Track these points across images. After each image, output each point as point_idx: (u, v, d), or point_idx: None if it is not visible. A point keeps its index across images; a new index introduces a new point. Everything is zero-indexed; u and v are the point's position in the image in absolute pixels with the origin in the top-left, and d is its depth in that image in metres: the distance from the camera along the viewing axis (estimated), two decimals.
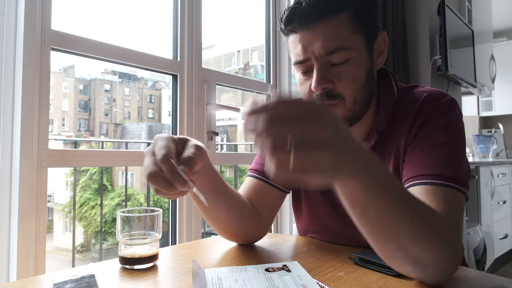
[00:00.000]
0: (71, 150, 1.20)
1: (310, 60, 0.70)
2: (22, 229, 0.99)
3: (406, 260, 0.53)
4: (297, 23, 0.69)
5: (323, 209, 0.84)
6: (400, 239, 0.50)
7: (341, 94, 0.70)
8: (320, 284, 0.56)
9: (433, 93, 0.75)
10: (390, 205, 0.48)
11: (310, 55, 0.69)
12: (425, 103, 0.73)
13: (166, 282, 0.61)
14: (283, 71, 1.95)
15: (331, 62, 0.69)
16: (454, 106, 0.73)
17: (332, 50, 0.67)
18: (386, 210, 0.48)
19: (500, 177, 3.29)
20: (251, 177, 0.87)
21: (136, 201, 5.91)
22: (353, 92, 0.70)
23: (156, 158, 0.55)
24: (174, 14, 1.50)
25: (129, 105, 8.43)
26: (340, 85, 0.69)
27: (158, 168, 0.54)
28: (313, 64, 0.70)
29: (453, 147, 0.68)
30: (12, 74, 1.02)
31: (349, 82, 0.69)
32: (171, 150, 0.56)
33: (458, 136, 0.71)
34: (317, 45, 0.67)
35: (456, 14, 2.56)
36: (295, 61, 0.73)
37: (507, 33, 4.46)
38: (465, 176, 0.66)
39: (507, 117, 4.47)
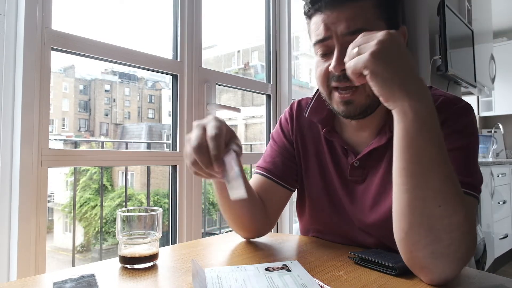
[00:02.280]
0: (71, 150, 1.20)
1: (330, 39, 0.69)
2: (22, 229, 0.99)
3: (424, 225, 0.55)
4: (323, 3, 0.69)
5: (326, 209, 0.84)
6: (428, 188, 0.55)
7: None
8: (320, 283, 0.56)
9: (449, 97, 0.74)
10: (434, 149, 0.55)
11: (332, 33, 0.69)
12: (441, 107, 0.71)
13: (166, 281, 0.61)
14: (283, 71, 1.95)
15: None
16: (470, 112, 0.72)
17: (355, 31, 0.66)
18: (428, 150, 0.55)
19: (500, 177, 3.29)
20: (260, 174, 0.88)
21: (137, 201, 5.91)
22: None
23: (207, 133, 0.58)
24: (174, 14, 1.51)
25: (129, 105, 8.43)
26: None
27: (206, 143, 0.57)
28: (333, 45, 0.69)
29: (467, 152, 0.68)
30: (12, 74, 1.02)
31: None
32: (222, 132, 0.58)
33: (472, 141, 0.70)
34: (340, 25, 0.68)
35: (456, 14, 2.56)
36: (316, 40, 0.72)
37: (507, 33, 4.46)
38: (478, 181, 0.67)
39: (507, 117, 4.47)
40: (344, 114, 0.73)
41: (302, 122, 0.89)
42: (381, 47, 0.55)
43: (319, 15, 0.70)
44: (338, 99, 0.71)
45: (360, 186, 0.79)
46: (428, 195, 0.55)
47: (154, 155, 1.41)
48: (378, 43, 0.55)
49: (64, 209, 6.48)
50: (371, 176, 0.78)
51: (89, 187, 6.26)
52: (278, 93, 1.94)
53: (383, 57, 0.55)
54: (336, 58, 0.68)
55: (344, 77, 0.68)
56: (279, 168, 0.87)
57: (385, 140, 0.75)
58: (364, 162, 0.78)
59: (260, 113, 8.58)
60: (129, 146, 6.69)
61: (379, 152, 0.76)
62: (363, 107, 0.71)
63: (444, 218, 0.55)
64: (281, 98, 1.94)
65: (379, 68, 0.55)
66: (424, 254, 0.57)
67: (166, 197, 4.55)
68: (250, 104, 8.54)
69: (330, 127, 0.82)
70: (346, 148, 0.81)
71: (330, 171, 0.83)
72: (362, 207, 0.78)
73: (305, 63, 4.49)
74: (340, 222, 0.82)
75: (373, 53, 0.55)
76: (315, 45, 0.73)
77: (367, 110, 0.72)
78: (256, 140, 8.70)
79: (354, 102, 0.70)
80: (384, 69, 0.55)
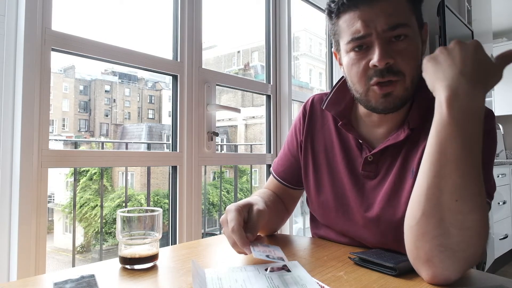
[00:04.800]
0: (71, 150, 1.20)
1: (370, 36, 0.69)
2: (23, 229, 0.99)
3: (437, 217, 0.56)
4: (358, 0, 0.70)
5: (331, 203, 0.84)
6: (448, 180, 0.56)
7: (402, 71, 0.70)
8: (320, 284, 0.56)
9: None
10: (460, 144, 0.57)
11: (372, 30, 0.69)
12: None
13: (166, 282, 0.61)
14: (283, 72, 1.95)
15: (391, 38, 0.69)
16: (493, 118, 0.73)
17: (395, 26, 0.68)
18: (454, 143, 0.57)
19: (500, 178, 3.29)
20: (275, 179, 0.97)
21: (137, 201, 5.91)
22: (412, 69, 0.71)
23: (229, 229, 0.67)
24: (174, 15, 1.51)
25: (129, 106, 8.43)
26: (401, 61, 0.70)
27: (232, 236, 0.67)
28: (371, 42, 0.70)
29: (486, 157, 0.68)
30: (12, 75, 1.02)
31: (409, 58, 0.70)
32: (239, 221, 0.67)
33: (492, 146, 0.72)
34: (380, 21, 0.68)
35: (455, 14, 2.56)
36: (353, 37, 0.71)
37: (507, 33, 4.46)
38: (492, 188, 0.69)
39: (507, 118, 4.46)
40: (382, 108, 0.73)
41: (314, 119, 0.90)
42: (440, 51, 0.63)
43: (353, 12, 0.70)
44: (378, 92, 0.71)
45: (371, 181, 0.79)
46: (446, 187, 0.56)
47: (154, 155, 1.41)
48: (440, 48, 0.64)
49: (64, 209, 6.48)
50: (383, 172, 0.77)
51: (89, 188, 6.26)
52: (278, 94, 1.94)
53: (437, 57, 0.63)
54: (380, 53, 0.68)
55: (387, 71, 0.69)
56: (290, 174, 0.94)
57: (403, 137, 0.74)
58: (378, 157, 0.78)
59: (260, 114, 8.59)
60: (129, 146, 6.70)
61: (395, 149, 0.76)
62: (402, 99, 0.72)
63: (458, 214, 0.55)
64: (281, 98, 1.94)
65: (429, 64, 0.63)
66: (431, 246, 0.57)
67: (166, 198, 4.55)
68: (250, 104, 8.55)
69: (347, 120, 0.82)
70: (361, 143, 0.81)
71: (338, 165, 0.83)
72: (369, 202, 0.78)
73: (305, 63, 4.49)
74: (344, 217, 0.81)
75: (430, 56, 0.64)
76: (349, 42, 0.72)
77: (405, 103, 0.74)
78: (256, 140, 8.70)
79: (393, 94, 0.71)
80: (434, 66, 0.62)
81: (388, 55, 0.68)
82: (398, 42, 0.69)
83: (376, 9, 0.68)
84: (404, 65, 0.70)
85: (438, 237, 0.56)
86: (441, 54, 0.62)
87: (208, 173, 5.29)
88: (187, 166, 1.46)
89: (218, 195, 5.64)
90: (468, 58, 0.59)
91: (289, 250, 0.79)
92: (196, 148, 1.49)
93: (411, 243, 0.60)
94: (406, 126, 0.74)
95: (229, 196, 6.16)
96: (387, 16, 0.68)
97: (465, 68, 0.58)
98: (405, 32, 0.69)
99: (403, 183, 0.74)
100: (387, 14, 0.68)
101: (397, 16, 0.68)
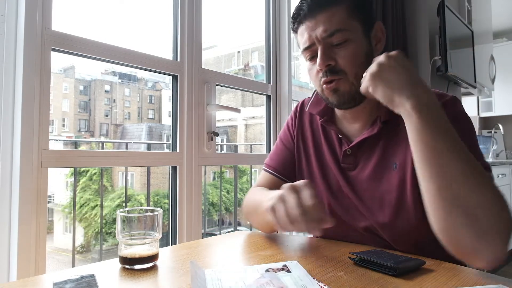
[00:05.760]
0: (71, 150, 1.20)
1: (315, 45, 0.80)
2: (23, 230, 0.99)
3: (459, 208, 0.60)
4: (303, 16, 0.81)
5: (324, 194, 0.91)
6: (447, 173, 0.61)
7: (343, 69, 0.79)
8: (320, 284, 0.56)
9: (437, 92, 0.82)
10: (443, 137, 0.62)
11: (314, 39, 0.80)
12: None
13: (166, 282, 0.61)
14: (283, 72, 1.95)
15: (332, 43, 0.79)
16: (458, 101, 0.81)
17: (332, 32, 0.78)
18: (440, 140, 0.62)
19: (500, 178, 3.29)
20: (268, 172, 0.99)
21: (137, 201, 5.91)
22: (354, 67, 0.79)
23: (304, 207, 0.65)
24: (174, 15, 1.51)
25: (129, 106, 8.43)
26: (341, 61, 0.79)
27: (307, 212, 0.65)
28: (317, 49, 0.80)
29: (470, 135, 0.75)
30: (12, 75, 1.02)
31: (350, 58, 0.79)
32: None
33: (472, 128, 0.79)
34: (319, 30, 0.78)
35: (455, 14, 2.56)
36: (303, 48, 0.83)
37: (507, 33, 4.46)
38: (487, 161, 0.74)
39: (507, 118, 4.47)
40: (337, 103, 0.82)
41: (304, 118, 0.99)
42: (378, 67, 0.68)
43: (302, 26, 0.82)
44: (327, 91, 0.82)
45: (351, 172, 0.87)
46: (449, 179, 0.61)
47: (154, 155, 1.41)
48: (376, 64, 0.69)
49: (64, 209, 6.48)
50: (362, 163, 0.86)
51: (89, 188, 6.26)
52: (278, 94, 1.94)
53: (380, 74, 0.68)
54: (320, 56, 0.78)
55: (329, 72, 0.79)
56: (283, 166, 0.98)
57: (377, 130, 0.82)
58: (356, 150, 0.87)
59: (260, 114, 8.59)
60: (129, 146, 6.70)
61: (371, 141, 0.84)
62: (350, 94, 0.80)
63: (472, 195, 0.60)
64: (281, 98, 1.94)
65: (377, 82, 0.68)
66: (469, 236, 0.60)
67: (166, 198, 4.55)
68: (250, 104, 8.55)
69: (327, 117, 0.92)
70: (341, 137, 0.89)
71: (326, 158, 0.92)
72: (355, 189, 0.86)
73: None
74: (339, 207, 0.88)
75: (371, 73, 0.69)
76: (303, 52, 0.84)
77: (355, 97, 0.81)
78: (256, 140, 8.70)
79: (340, 89, 0.80)
80: (381, 83, 0.68)
81: (328, 58, 0.78)
82: (338, 46, 0.79)
83: (316, 20, 0.79)
84: (344, 64, 0.79)
85: (469, 225, 0.60)
86: (381, 70, 0.68)
87: (208, 173, 5.29)
88: (187, 166, 1.46)
89: (218, 195, 5.65)
90: (404, 66, 0.67)
91: (289, 250, 0.79)
92: (196, 148, 1.49)
93: (450, 242, 0.63)
94: (378, 120, 0.83)
95: (229, 196, 6.16)
96: (326, 25, 0.78)
97: (409, 75, 0.67)
98: (345, 37, 0.78)
99: (383, 173, 0.82)
100: (326, 23, 0.78)
101: (335, 24, 0.78)
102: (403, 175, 0.79)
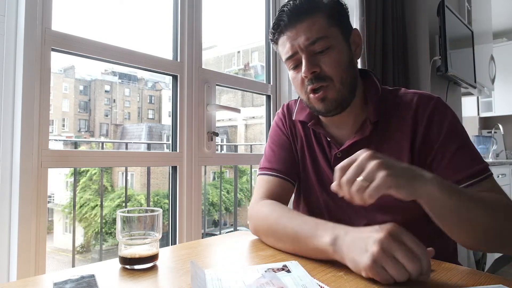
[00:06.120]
0: (71, 150, 1.20)
1: (298, 54, 0.82)
2: (22, 230, 0.99)
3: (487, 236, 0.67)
4: (283, 26, 0.83)
5: (320, 197, 0.92)
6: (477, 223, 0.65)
7: (329, 76, 0.80)
8: (320, 284, 0.56)
9: (424, 94, 0.85)
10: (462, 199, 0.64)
11: (296, 48, 0.81)
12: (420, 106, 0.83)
13: (166, 282, 0.61)
14: (283, 72, 1.95)
15: (315, 51, 0.80)
16: (445, 105, 0.84)
17: (314, 40, 0.79)
18: (459, 204, 0.63)
19: (500, 178, 3.29)
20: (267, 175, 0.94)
21: (137, 201, 5.90)
22: (339, 72, 0.81)
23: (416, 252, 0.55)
24: (174, 15, 1.51)
25: (129, 106, 8.43)
26: (326, 68, 0.80)
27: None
28: (301, 57, 0.81)
29: (469, 141, 0.80)
30: (12, 75, 1.02)
31: (334, 64, 0.80)
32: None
33: (464, 130, 0.82)
34: (301, 39, 0.80)
35: (455, 14, 2.56)
36: (286, 58, 0.84)
37: (507, 33, 4.46)
38: (483, 160, 0.79)
39: (507, 118, 4.46)
40: (324, 111, 0.83)
41: (293, 121, 0.99)
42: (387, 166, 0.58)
43: (283, 37, 0.83)
44: (314, 99, 0.82)
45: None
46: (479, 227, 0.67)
47: (154, 155, 1.41)
48: (382, 164, 0.58)
49: (64, 209, 6.47)
50: None
51: (89, 188, 6.26)
52: (278, 94, 1.94)
53: (396, 172, 0.58)
54: (305, 64, 0.80)
55: (315, 79, 0.80)
56: (283, 166, 0.94)
57: (369, 132, 0.84)
58: (347, 153, 0.83)
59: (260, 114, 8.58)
60: (129, 146, 6.70)
61: (361, 144, 0.83)
62: (337, 101, 0.82)
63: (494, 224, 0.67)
64: (281, 98, 1.94)
65: (399, 181, 0.58)
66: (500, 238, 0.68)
67: (166, 198, 4.55)
68: (250, 104, 8.54)
69: (315, 121, 0.92)
70: (330, 140, 0.90)
71: (320, 160, 0.92)
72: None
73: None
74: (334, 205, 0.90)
75: (389, 174, 0.57)
76: (286, 61, 0.85)
77: (343, 104, 0.83)
78: (256, 140, 8.70)
79: (327, 97, 0.81)
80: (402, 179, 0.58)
81: (313, 65, 0.80)
82: (321, 53, 0.80)
83: (297, 30, 0.81)
84: (329, 71, 0.80)
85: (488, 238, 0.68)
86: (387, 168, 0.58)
87: (208, 173, 5.29)
88: (187, 166, 1.46)
89: (218, 195, 5.64)
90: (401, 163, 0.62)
91: None
92: (196, 148, 1.49)
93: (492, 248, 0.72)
94: (368, 122, 0.84)
95: (229, 196, 6.16)
96: (307, 34, 0.79)
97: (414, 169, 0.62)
98: (327, 44, 0.80)
99: None
100: (307, 32, 0.80)
101: (316, 32, 0.79)
102: None
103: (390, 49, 2.12)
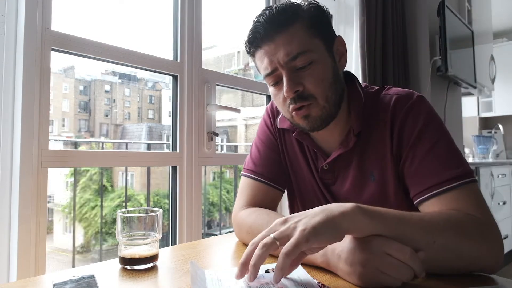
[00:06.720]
0: (71, 150, 1.20)
1: (278, 70, 0.74)
2: (22, 230, 0.99)
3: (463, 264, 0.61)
4: (259, 39, 0.75)
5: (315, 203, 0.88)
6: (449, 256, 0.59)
7: (313, 94, 0.74)
8: (320, 284, 0.56)
9: (402, 94, 0.78)
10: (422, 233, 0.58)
11: (276, 64, 0.73)
12: (397, 107, 0.77)
13: (166, 282, 0.61)
14: None
15: (296, 66, 0.73)
16: (423, 103, 0.76)
17: (295, 56, 0.72)
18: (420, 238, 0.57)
19: (500, 178, 3.29)
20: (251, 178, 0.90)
21: (137, 201, 5.90)
22: (323, 90, 0.74)
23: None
24: (174, 15, 1.51)
25: (129, 106, 8.43)
26: (309, 86, 0.73)
27: None
28: (281, 74, 0.74)
29: (444, 144, 0.72)
30: (12, 75, 1.02)
31: (318, 81, 0.74)
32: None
33: (441, 130, 0.74)
34: (280, 54, 0.72)
35: (456, 14, 2.56)
36: (265, 74, 0.77)
37: (507, 33, 4.46)
38: (465, 165, 0.71)
39: (507, 118, 4.46)
40: (308, 128, 0.78)
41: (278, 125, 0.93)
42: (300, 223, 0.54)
43: (260, 50, 0.75)
44: (297, 117, 0.76)
45: (332, 187, 0.86)
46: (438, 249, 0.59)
47: (154, 155, 1.41)
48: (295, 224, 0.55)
49: (64, 209, 6.47)
50: (341, 178, 0.84)
51: (89, 188, 6.26)
52: None
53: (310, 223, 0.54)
54: (287, 83, 0.72)
55: (298, 98, 0.73)
56: (269, 170, 0.89)
57: (352, 144, 0.79)
58: (333, 165, 0.84)
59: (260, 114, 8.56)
60: (129, 146, 6.70)
61: (346, 156, 0.81)
62: (321, 118, 0.76)
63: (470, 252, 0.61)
64: None
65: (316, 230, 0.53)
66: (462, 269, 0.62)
67: (166, 198, 4.55)
68: (250, 104, 8.54)
69: (300, 130, 0.86)
70: (316, 151, 0.86)
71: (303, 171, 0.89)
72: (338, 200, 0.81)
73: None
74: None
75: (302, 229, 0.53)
76: (265, 78, 0.78)
77: (328, 119, 0.77)
78: None
79: (311, 115, 0.75)
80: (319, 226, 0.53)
81: (295, 84, 0.72)
82: (303, 69, 0.73)
83: (276, 44, 0.73)
84: (313, 88, 0.73)
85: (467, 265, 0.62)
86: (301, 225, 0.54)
87: (208, 173, 5.29)
88: (187, 166, 1.46)
89: (218, 195, 5.64)
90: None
91: None
92: (196, 148, 1.49)
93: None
94: (352, 134, 0.79)
95: (229, 196, 6.16)
96: (287, 48, 0.72)
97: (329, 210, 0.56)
98: (309, 58, 0.73)
99: (363, 186, 0.80)
100: (286, 46, 0.72)
101: (296, 46, 0.72)
102: (384, 188, 0.78)
103: (390, 49, 2.12)
